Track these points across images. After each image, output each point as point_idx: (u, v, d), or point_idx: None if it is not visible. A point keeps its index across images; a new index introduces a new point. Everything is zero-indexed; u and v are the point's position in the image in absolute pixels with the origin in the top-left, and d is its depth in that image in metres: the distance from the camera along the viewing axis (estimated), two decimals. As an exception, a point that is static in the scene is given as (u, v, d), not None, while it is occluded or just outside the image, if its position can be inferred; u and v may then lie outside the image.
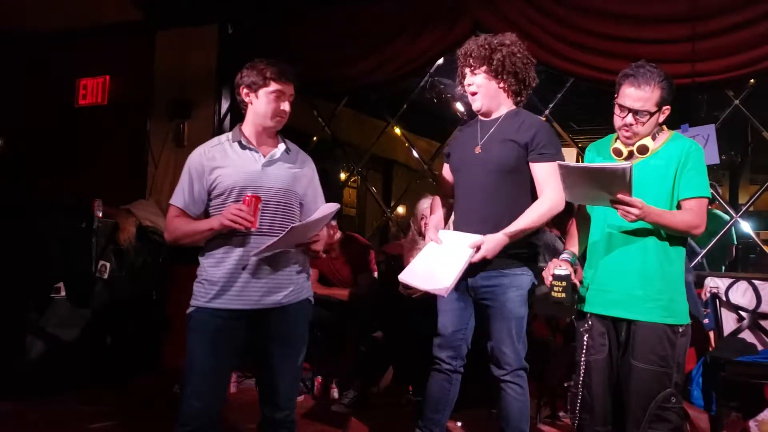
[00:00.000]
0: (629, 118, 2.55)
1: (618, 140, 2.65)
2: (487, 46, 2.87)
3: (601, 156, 2.72)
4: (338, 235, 4.88)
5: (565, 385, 3.59)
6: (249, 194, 2.49)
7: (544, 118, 4.99)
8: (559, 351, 3.80)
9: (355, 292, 4.76)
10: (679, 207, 2.56)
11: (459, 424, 4.02)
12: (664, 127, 2.65)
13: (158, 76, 5.89)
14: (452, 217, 3.13)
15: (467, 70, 2.93)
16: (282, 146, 2.70)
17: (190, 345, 2.55)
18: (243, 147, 2.65)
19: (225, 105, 5.81)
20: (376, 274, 4.90)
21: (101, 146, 5.98)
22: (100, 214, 4.88)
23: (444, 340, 2.99)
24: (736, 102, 4.56)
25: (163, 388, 4.71)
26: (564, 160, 2.73)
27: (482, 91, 2.91)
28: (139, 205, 5.42)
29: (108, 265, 4.93)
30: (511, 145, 2.86)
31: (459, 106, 6.14)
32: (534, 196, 2.88)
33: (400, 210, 9.33)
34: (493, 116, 2.96)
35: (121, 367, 4.96)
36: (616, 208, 2.41)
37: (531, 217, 2.80)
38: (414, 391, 4.55)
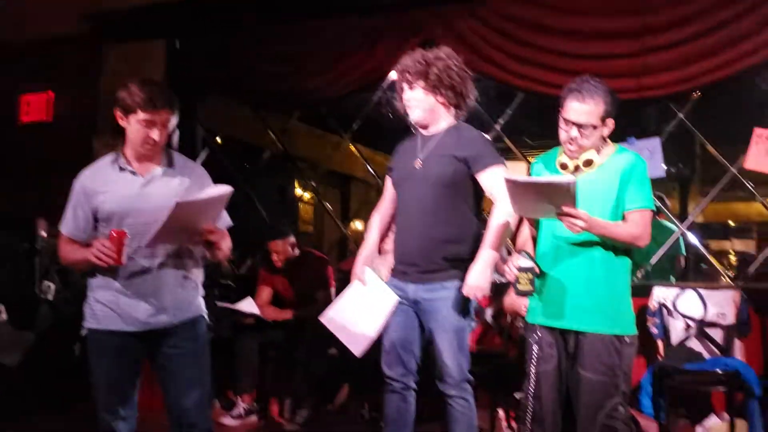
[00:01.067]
0: (574, 132, 2.58)
1: (564, 154, 2.69)
2: (423, 61, 2.90)
3: (547, 169, 2.75)
4: (296, 251, 4.83)
5: (516, 396, 3.59)
6: (114, 230, 2.44)
7: (493, 133, 5.05)
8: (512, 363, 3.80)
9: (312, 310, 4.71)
10: (624, 219, 2.60)
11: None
12: (608, 140, 2.70)
13: (105, 92, 5.76)
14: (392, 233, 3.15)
15: (405, 85, 2.94)
16: (164, 161, 2.63)
17: (91, 366, 2.58)
18: (122, 169, 2.59)
19: (173, 121, 5.70)
20: (334, 290, 4.86)
21: (46, 164, 5.80)
22: (45, 234, 4.76)
23: (392, 357, 2.98)
24: (680, 115, 4.65)
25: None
26: (505, 167, 2.86)
27: (421, 105, 2.92)
28: (86, 223, 5.29)
29: (52, 285, 4.79)
30: (450, 159, 2.89)
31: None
32: (475, 210, 2.94)
33: (359, 226, 9.31)
34: (433, 130, 2.99)
35: (67, 393, 4.80)
36: (562, 221, 2.44)
37: (496, 231, 2.80)
38: (369, 408, 4.51)
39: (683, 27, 4.29)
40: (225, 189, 2.48)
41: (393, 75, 5.21)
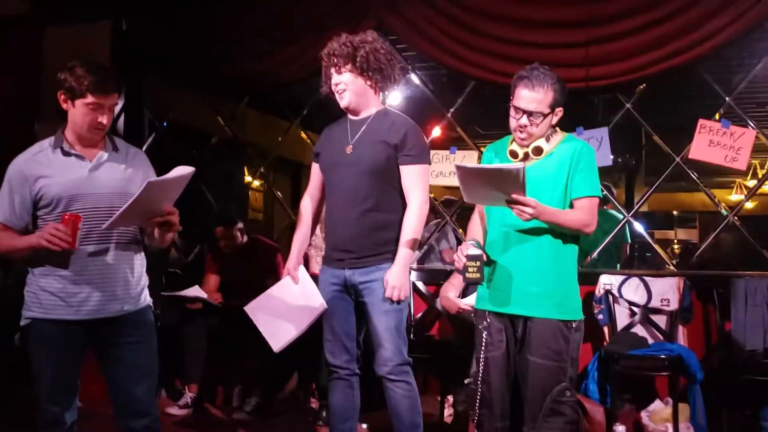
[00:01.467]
0: (524, 120, 2.60)
1: (514, 142, 2.70)
2: (349, 44, 2.90)
3: (498, 157, 2.77)
4: (244, 238, 4.76)
5: (465, 382, 3.62)
6: (68, 214, 2.37)
7: (446, 122, 5.06)
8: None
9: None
10: (572, 206, 2.63)
11: (365, 426, 3.98)
12: (558, 128, 2.72)
13: (47, 75, 5.58)
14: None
15: (333, 70, 2.93)
16: (109, 145, 2.57)
17: (33, 356, 2.49)
18: (66, 153, 2.50)
19: (119, 104, 5.56)
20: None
21: (-15, 148, 5.63)
22: (-17, 220, 4.58)
23: (335, 345, 2.98)
24: (628, 105, 4.73)
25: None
26: (430, 163, 2.97)
27: (350, 88, 2.91)
28: (27, 209, 5.13)
29: (-7, 274, 4.64)
30: (382, 146, 2.89)
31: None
32: (401, 196, 2.93)
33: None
34: (363, 115, 2.98)
35: (8, 383, 4.66)
36: (512, 208, 2.46)
37: (412, 230, 2.87)
38: (318, 396, 4.49)
39: (629, 18, 4.37)
40: (190, 169, 2.42)
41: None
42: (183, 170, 2.42)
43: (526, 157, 2.66)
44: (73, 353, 2.51)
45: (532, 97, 2.58)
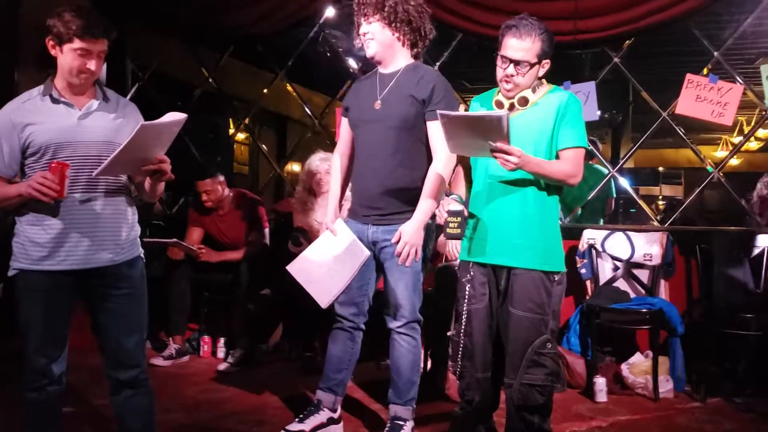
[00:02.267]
0: (510, 69, 2.57)
1: (500, 93, 2.67)
2: (399, 3, 2.84)
3: (484, 107, 2.73)
4: (227, 192, 4.73)
5: (448, 334, 3.64)
6: (55, 161, 2.31)
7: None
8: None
9: (246, 252, 4.65)
10: (558, 157, 2.62)
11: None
12: (544, 80, 2.69)
13: (25, 24, 5.44)
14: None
15: (362, 19, 2.89)
16: (99, 95, 2.51)
17: (22, 306, 2.44)
18: (55, 101, 2.44)
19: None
20: (267, 231, 4.80)
21: (-37, 96, 5.52)
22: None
23: (346, 297, 3.00)
24: (616, 59, 4.69)
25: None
26: None
27: (377, 38, 2.88)
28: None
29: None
30: (410, 100, 2.86)
31: (352, 62, 6.04)
32: (428, 151, 2.91)
33: (296, 167, 9.20)
34: (391, 69, 2.94)
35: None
36: (496, 158, 2.44)
37: (436, 183, 2.85)
38: (303, 348, 4.52)
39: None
40: (182, 115, 2.37)
41: (330, 11, 5.13)
42: (175, 116, 2.36)
43: (511, 107, 2.63)
44: (62, 305, 2.47)
45: (519, 45, 2.55)
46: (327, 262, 2.94)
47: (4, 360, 4.37)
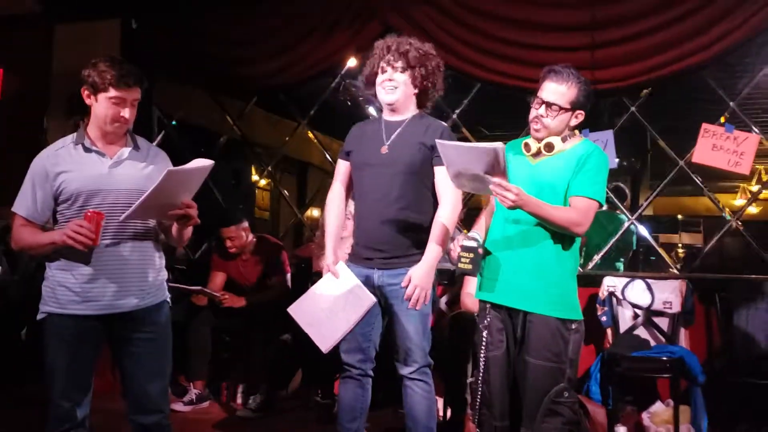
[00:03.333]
0: (541, 110, 2.64)
1: (531, 137, 2.72)
2: (408, 44, 2.94)
3: (512, 151, 2.77)
4: (251, 237, 4.79)
5: (468, 381, 3.65)
6: (91, 210, 2.39)
7: (451, 123, 5.09)
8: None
9: (269, 296, 4.69)
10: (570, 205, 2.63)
11: (366, 425, 4.01)
12: (577, 132, 2.73)
13: (56, 72, 5.64)
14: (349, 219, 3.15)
15: (390, 67, 2.93)
16: (130, 143, 2.59)
17: (48, 350, 2.50)
18: (87, 150, 2.53)
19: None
20: (289, 276, 4.85)
21: (-5, 143, 5.68)
22: (-9, 216, 4.64)
23: (350, 343, 2.98)
24: (633, 108, 4.75)
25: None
26: None
27: (402, 89, 2.94)
28: (35, 205, 5.18)
29: (-1, 269, 4.69)
30: (419, 146, 2.91)
31: (372, 111, 6.16)
32: (434, 198, 2.95)
33: (316, 213, 9.29)
34: (399, 117, 3.00)
35: (13, 376, 4.71)
36: (495, 194, 2.46)
37: (443, 228, 2.85)
38: (322, 394, 4.52)
39: (635, 22, 4.39)
40: (209, 162, 2.44)
41: (351, 61, 5.26)
42: (202, 162, 2.44)
43: (538, 152, 2.68)
44: (88, 349, 2.52)
45: (554, 89, 2.62)
46: (329, 306, 2.90)
47: (27, 404, 4.43)
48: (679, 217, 12.12)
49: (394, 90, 2.94)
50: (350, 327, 2.87)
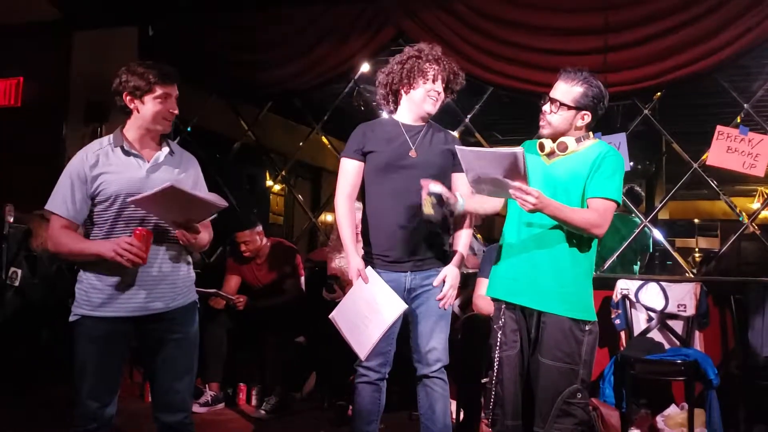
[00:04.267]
0: (546, 107, 2.67)
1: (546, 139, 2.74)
2: (456, 69, 3.03)
3: (528, 151, 2.78)
4: (265, 241, 4.83)
5: (482, 381, 3.66)
6: (140, 228, 2.42)
7: (462, 127, 5.12)
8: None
9: (284, 299, 4.73)
10: (587, 206, 2.63)
11: (381, 426, 4.03)
12: (591, 134, 2.73)
13: (75, 78, 5.73)
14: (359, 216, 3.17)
15: (439, 76, 2.97)
16: (165, 149, 2.63)
17: (78, 351, 2.51)
18: (126, 152, 2.56)
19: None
20: (303, 279, 4.88)
21: (15, 150, 5.76)
22: (12, 220, 4.70)
23: (374, 348, 2.95)
24: (646, 111, 4.75)
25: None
26: None
27: (439, 100, 3.02)
28: (54, 210, 5.25)
29: (19, 272, 4.75)
30: (447, 153, 2.98)
31: (384, 115, 6.19)
32: None
33: (329, 218, 9.33)
34: (417, 123, 3.04)
35: (33, 377, 4.77)
36: (515, 198, 2.47)
37: (469, 236, 3.07)
38: (336, 396, 4.54)
39: (647, 25, 4.41)
40: (221, 201, 2.48)
41: (364, 66, 5.30)
42: (215, 198, 2.49)
43: (551, 152, 2.70)
44: (117, 351, 2.55)
45: (561, 87, 2.66)
46: (364, 312, 2.91)
47: (48, 405, 4.50)
48: (696, 221, 12.04)
49: (437, 102, 3.00)
50: (383, 333, 2.85)
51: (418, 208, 2.88)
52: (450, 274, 2.94)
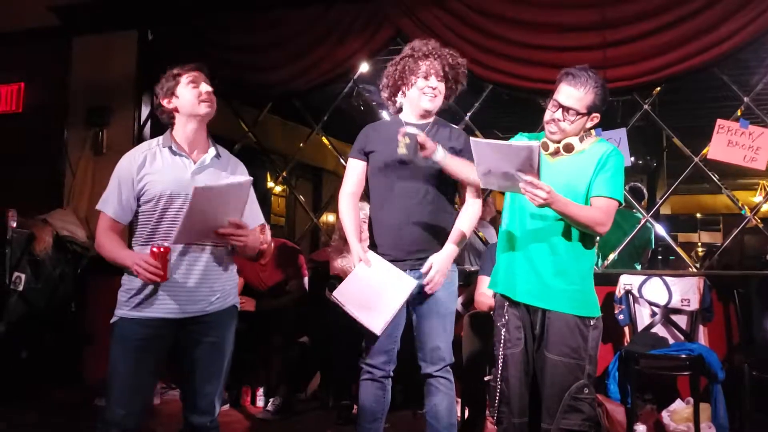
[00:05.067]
0: (558, 114, 2.64)
1: (546, 137, 2.72)
2: (455, 61, 3.00)
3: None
4: (270, 240, 4.83)
5: (486, 379, 3.66)
6: (156, 246, 2.42)
7: (462, 125, 5.11)
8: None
9: (287, 299, 4.73)
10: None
11: (386, 425, 4.03)
12: (592, 132, 2.74)
13: (75, 83, 5.74)
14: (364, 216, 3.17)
15: (436, 73, 2.96)
16: (212, 151, 2.65)
17: (113, 354, 2.51)
18: (173, 153, 2.60)
19: (145, 111, 5.70)
20: (306, 279, 4.89)
21: (16, 155, 5.77)
22: (15, 225, 4.72)
23: (376, 346, 2.99)
24: (645, 106, 4.75)
25: (83, 401, 4.57)
26: None
27: (440, 98, 3.00)
28: (57, 214, 5.26)
29: (23, 276, 4.76)
30: (451, 151, 2.93)
31: (385, 115, 6.19)
32: (451, 198, 3.01)
33: (331, 218, 9.33)
34: (422, 121, 3.02)
35: (38, 382, 4.78)
36: (525, 193, 2.47)
37: (468, 223, 2.96)
38: (341, 396, 4.54)
39: (646, 21, 4.41)
40: (243, 179, 2.47)
41: (363, 66, 5.30)
42: (235, 179, 2.49)
43: (556, 152, 2.69)
44: (152, 358, 2.54)
45: (572, 93, 2.61)
46: (371, 290, 2.89)
47: (51, 409, 4.51)
48: (698, 215, 12.04)
49: (435, 98, 2.98)
50: (397, 309, 2.86)
51: (416, 207, 2.93)
52: (436, 260, 2.87)
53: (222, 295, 2.61)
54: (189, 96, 2.60)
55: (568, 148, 2.67)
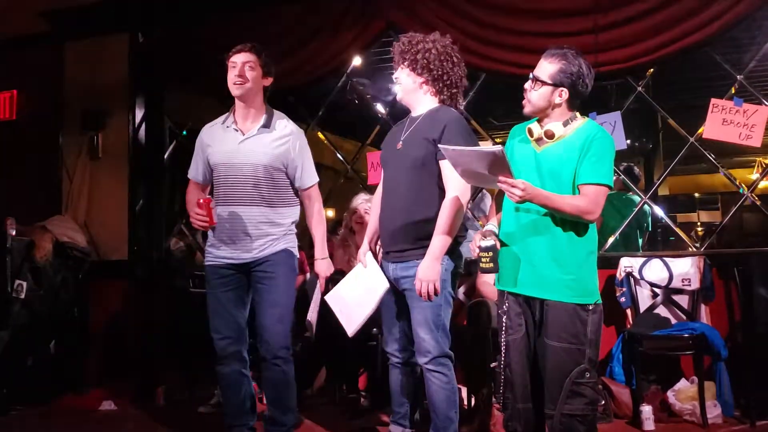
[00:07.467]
0: (527, 83, 2.66)
1: (536, 122, 2.70)
2: (407, 43, 3.04)
3: (516, 138, 2.79)
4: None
5: (491, 366, 3.67)
6: (202, 199, 2.97)
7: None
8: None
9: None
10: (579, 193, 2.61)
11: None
12: (578, 114, 2.70)
13: (69, 88, 5.74)
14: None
15: (397, 62, 3.08)
16: (263, 122, 3.12)
17: (207, 296, 3.19)
18: (228, 127, 3.13)
19: (139, 114, 5.68)
20: (308, 275, 4.89)
21: (12, 162, 5.77)
22: (14, 233, 4.71)
23: (386, 335, 3.15)
24: (639, 89, 4.75)
25: (87, 407, 4.57)
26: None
27: (402, 84, 3.06)
28: (56, 221, 5.27)
29: (24, 284, 4.76)
30: (425, 143, 2.94)
31: (379, 108, 6.19)
32: (434, 189, 2.97)
33: (330, 213, 9.32)
34: (418, 113, 3.08)
35: (43, 389, 4.79)
36: (503, 190, 2.49)
37: (447, 219, 2.87)
38: (347, 390, 4.56)
39: (635, 3, 4.41)
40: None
41: (356, 60, 5.30)
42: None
43: (539, 139, 2.68)
44: (230, 293, 3.15)
45: (541, 64, 2.64)
46: (356, 293, 3.12)
47: (58, 416, 4.50)
48: (696, 195, 12.03)
49: (398, 87, 3.09)
50: (369, 312, 3.06)
51: (397, 201, 2.98)
52: (419, 269, 2.85)
53: (268, 244, 3.11)
54: (228, 78, 3.08)
55: (549, 134, 2.64)
